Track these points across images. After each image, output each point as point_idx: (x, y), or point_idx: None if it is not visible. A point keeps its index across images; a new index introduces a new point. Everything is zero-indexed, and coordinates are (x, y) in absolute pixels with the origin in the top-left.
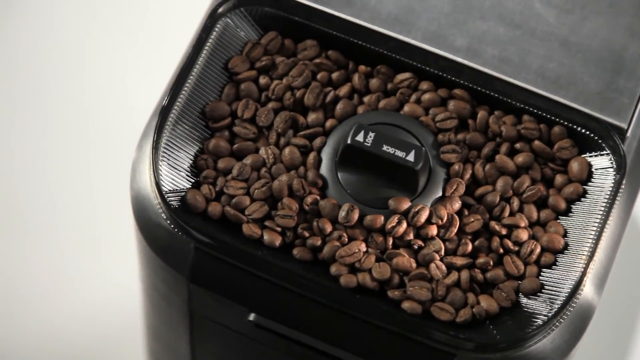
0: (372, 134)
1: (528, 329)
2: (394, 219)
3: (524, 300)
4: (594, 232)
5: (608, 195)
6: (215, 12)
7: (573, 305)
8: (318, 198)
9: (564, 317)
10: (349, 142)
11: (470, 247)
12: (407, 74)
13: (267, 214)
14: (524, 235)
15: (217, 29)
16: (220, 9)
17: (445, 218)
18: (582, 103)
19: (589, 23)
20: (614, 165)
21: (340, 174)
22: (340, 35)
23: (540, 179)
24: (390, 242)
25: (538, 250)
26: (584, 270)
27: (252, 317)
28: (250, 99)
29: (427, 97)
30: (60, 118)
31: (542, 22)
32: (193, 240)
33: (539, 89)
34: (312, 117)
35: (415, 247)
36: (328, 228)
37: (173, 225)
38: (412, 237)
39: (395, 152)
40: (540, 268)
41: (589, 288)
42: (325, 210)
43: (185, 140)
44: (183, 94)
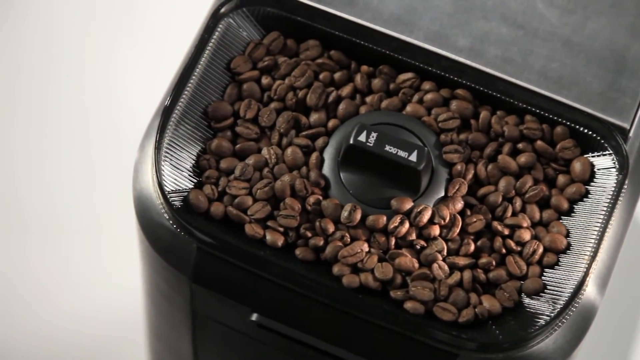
0: (374, 134)
1: (530, 329)
2: (397, 219)
3: (527, 301)
4: (597, 232)
5: (610, 196)
6: (218, 12)
7: (575, 306)
8: (320, 198)
9: (567, 317)
10: (352, 142)
11: (473, 247)
12: (409, 74)
13: (269, 214)
14: (527, 236)
15: (219, 29)
16: (223, 9)
17: (448, 218)
18: (584, 103)
19: (592, 23)
20: (617, 165)
21: (343, 174)
22: (343, 36)
23: (543, 179)
24: (393, 242)
25: (540, 251)
26: (587, 271)
27: (254, 317)
28: (253, 99)
29: (429, 97)
30: (61, 118)
31: (544, 22)
32: (195, 241)
33: (542, 89)
34: (314, 117)
35: (418, 247)
36: (330, 228)
37: (175, 226)
38: (414, 237)
39: (398, 152)
40: (543, 268)
41: (592, 288)
42: (328, 211)
43: (188, 141)
44: (185, 94)
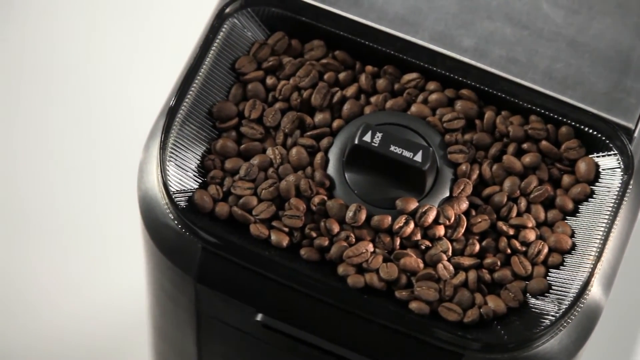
0: (379, 134)
1: (536, 329)
2: (402, 219)
3: (532, 301)
4: (602, 232)
5: (615, 196)
6: (223, 12)
7: (581, 306)
8: (325, 198)
9: (572, 317)
10: (357, 142)
11: (478, 247)
12: (414, 74)
13: (274, 214)
14: (532, 236)
15: (224, 29)
16: (228, 9)
17: (453, 218)
18: (589, 103)
19: (597, 23)
20: (622, 166)
21: (348, 174)
22: (347, 36)
23: (548, 180)
24: (398, 242)
25: (545, 251)
26: (592, 271)
27: (259, 317)
28: (258, 99)
29: (434, 97)
30: (65, 118)
31: (549, 22)
32: (200, 241)
33: (546, 89)
34: (319, 117)
35: (423, 247)
36: (335, 228)
37: (180, 226)
38: (419, 237)
39: (403, 152)
40: (548, 268)
41: (597, 288)
42: (333, 211)
43: (193, 141)
44: (190, 94)
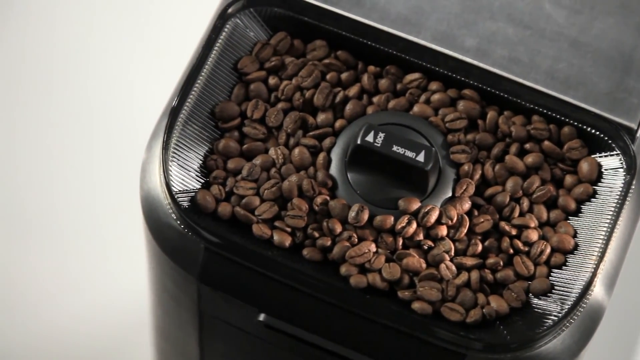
0: (382, 135)
1: (538, 330)
2: (404, 220)
3: (534, 301)
4: (604, 232)
5: (618, 196)
6: (225, 12)
7: (583, 306)
8: (328, 198)
9: (574, 317)
10: (359, 142)
11: (480, 247)
12: (416, 75)
13: (277, 215)
14: (534, 236)
15: (226, 30)
16: (230, 9)
17: (455, 218)
18: (591, 103)
19: (599, 23)
20: (624, 166)
21: (350, 175)
22: (350, 36)
23: (550, 180)
24: (400, 242)
25: (548, 251)
26: (594, 271)
27: (261, 317)
28: (260, 100)
29: (436, 97)
30: (66, 118)
31: (551, 22)
32: (203, 241)
33: (549, 89)
34: (321, 117)
35: (425, 247)
36: (338, 228)
37: (183, 226)
38: (422, 237)
39: (405, 152)
40: (550, 268)
41: (599, 288)
42: (335, 211)
43: (195, 141)
44: (193, 95)
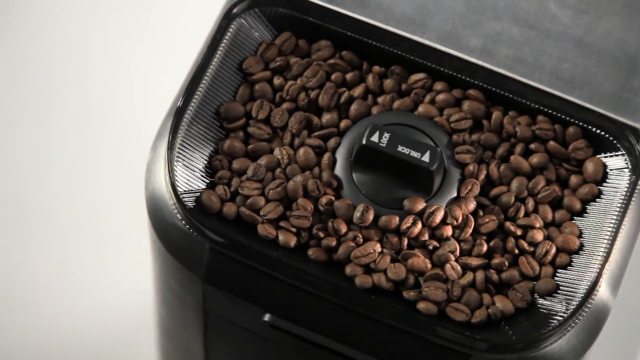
0: (387, 135)
1: (544, 330)
2: (409, 220)
3: (540, 301)
4: (609, 232)
5: (623, 196)
6: (230, 12)
7: (588, 306)
8: (333, 198)
9: (580, 317)
10: (364, 142)
11: (486, 247)
12: (421, 75)
13: (282, 215)
14: (539, 236)
15: (231, 30)
16: (235, 10)
17: (460, 219)
18: (596, 103)
19: (604, 23)
20: (629, 166)
21: (355, 175)
22: (355, 36)
23: (555, 180)
24: (405, 242)
25: (553, 251)
26: (600, 271)
27: (266, 317)
28: (265, 100)
29: (441, 97)
30: (71, 118)
31: (556, 22)
32: (208, 241)
33: (554, 90)
34: (326, 117)
35: (431, 247)
36: (343, 228)
37: (188, 226)
38: (427, 237)
39: (411, 152)
40: (556, 269)
41: (604, 289)
42: (340, 211)
43: (200, 141)
44: (198, 95)
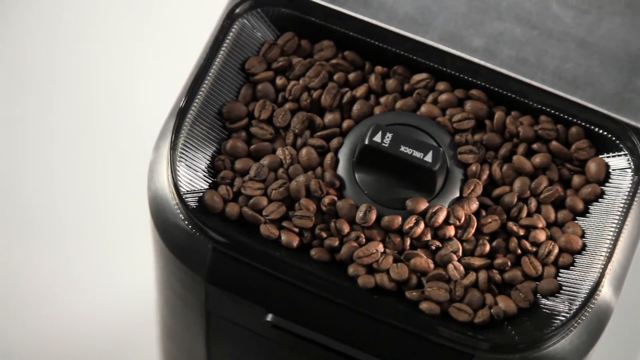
0: (389, 135)
1: (546, 330)
2: (412, 220)
3: (542, 301)
4: (612, 232)
5: (626, 196)
6: (232, 12)
7: (591, 306)
8: (335, 199)
9: (582, 318)
10: (367, 142)
11: (488, 247)
12: (423, 75)
13: (284, 215)
14: (542, 236)
15: (234, 30)
16: (237, 10)
17: (463, 219)
18: (599, 103)
19: (606, 24)
20: (632, 166)
21: (358, 175)
22: (357, 36)
23: (558, 180)
24: (408, 242)
25: (556, 251)
26: (602, 271)
27: (269, 317)
28: (267, 100)
29: (444, 97)
30: (73, 118)
31: (559, 22)
32: (211, 241)
33: (556, 90)
34: (328, 117)
35: (433, 247)
36: (345, 229)
37: (191, 226)
38: (429, 237)
39: (413, 152)
40: (558, 269)
41: (607, 289)
42: (343, 211)
43: (203, 141)
44: (200, 95)
